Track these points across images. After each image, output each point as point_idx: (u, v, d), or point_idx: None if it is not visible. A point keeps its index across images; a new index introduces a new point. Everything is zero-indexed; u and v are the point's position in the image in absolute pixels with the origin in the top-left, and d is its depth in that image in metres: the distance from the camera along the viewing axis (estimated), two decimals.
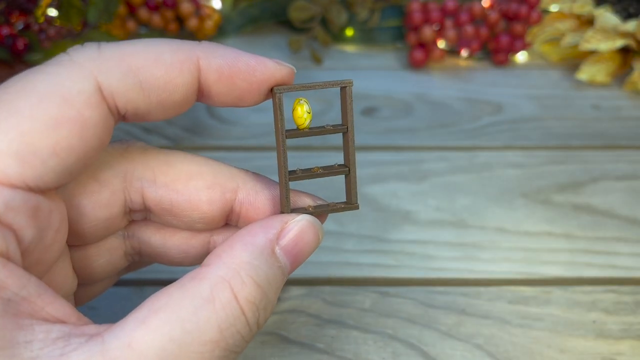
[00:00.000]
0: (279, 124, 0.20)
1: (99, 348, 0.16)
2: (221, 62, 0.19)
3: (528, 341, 0.27)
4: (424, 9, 0.47)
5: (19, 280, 0.16)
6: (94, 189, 0.20)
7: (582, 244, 0.32)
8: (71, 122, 0.17)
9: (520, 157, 0.39)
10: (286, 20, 0.51)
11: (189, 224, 0.21)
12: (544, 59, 0.50)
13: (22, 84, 0.17)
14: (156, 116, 0.19)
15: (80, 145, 0.17)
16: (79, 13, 0.41)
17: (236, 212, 0.21)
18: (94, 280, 0.22)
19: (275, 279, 0.19)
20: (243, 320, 0.17)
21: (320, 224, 0.21)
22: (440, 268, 0.31)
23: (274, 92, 0.20)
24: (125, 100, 0.18)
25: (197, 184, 0.21)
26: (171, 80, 0.18)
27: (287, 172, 0.20)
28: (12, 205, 0.16)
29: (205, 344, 0.17)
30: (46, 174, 0.17)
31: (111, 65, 0.18)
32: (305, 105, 0.20)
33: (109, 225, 0.21)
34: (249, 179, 0.21)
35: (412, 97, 0.45)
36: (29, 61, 0.40)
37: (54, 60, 0.18)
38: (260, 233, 0.19)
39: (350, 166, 0.21)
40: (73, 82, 0.17)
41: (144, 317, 0.16)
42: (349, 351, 0.26)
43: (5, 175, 0.16)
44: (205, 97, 0.20)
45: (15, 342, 0.15)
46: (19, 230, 0.16)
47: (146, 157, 0.21)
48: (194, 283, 0.17)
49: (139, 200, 0.21)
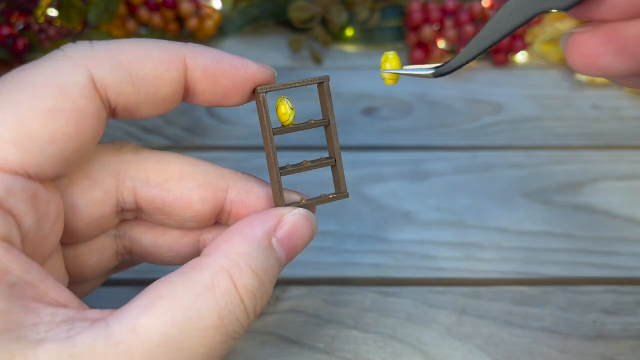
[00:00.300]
0: (265, 122, 0.21)
1: (103, 332, 0.16)
2: (206, 60, 0.20)
3: (528, 341, 0.27)
4: (424, 9, 0.47)
5: (23, 265, 0.16)
6: (87, 187, 0.20)
7: (582, 244, 0.32)
8: (67, 111, 0.18)
9: (521, 157, 0.39)
10: (286, 20, 0.51)
11: (181, 223, 0.22)
12: (544, 59, 0.50)
13: (20, 77, 0.18)
14: (145, 111, 0.20)
15: (76, 134, 0.18)
16: (79, 13, 0.41)
17: (227, 210, 0.22)
18: (85, 279, 0.23)
19: (272, 269, 0.19)
20: (242, 307, 0.18)
21: (315, 218, 0.22)
22: (440, 268, 0.31)
23: (257, 91, 0.21)
24: (116, 92, 0.19)
25: (189, 184, 0.21)
26: (160, 75, 0.19)
27: (277, 167, 0.21)
28: (13, 190, 0.17)
29: (206, 330, 0.17)
30: (45, 162, 0.17)
31: (103, 60, 0.19)
32: (287, 103, 0.21)
33: (101, 223, 0.21)
34: (239, 179, 0.22)
35: (412, 97, 0.45)
36: (29, 61, 0.40)
37: (48, 56, 0.19)
38: (258, 225, 0.20)
39: (336, 157, 0.22)
40: (68, 74, 0.18)
41: (147, 303, 0.17)
42: (348, 351, 0.26)
43: (5, 162, 0.17)
44: (190, 95, 0.21)
45: (22, 325, 0.16)
46: (19, 217, 0.17)
47: (139, 158, 0.21)
48: (195, 272, 0.18)
49: (132, 199, 0.21)
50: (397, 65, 0.20)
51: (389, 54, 0.21)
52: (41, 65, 0.18)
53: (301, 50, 0.49)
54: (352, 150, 0.39)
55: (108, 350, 0.16)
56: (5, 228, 0.16)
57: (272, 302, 0.29)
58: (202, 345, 0.17)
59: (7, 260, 0.16)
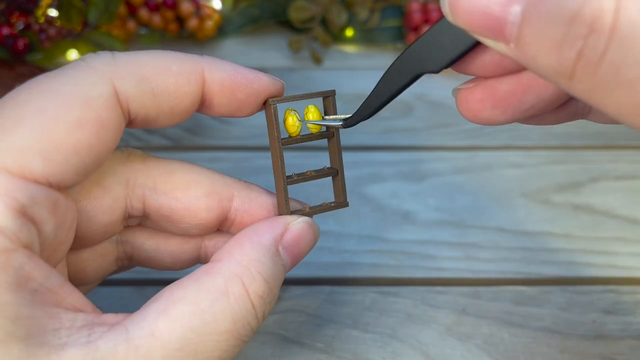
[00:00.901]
0: (275, 133, 0.22)
1: (123, 337, 0.17)
2: (223, 75, 0.21)
3: (528, 341, 0.27)
4: (424, 9, 0.47)
5: (44, 272, 0.17)
6: (97, 194, 0.21)
7: (582, 244, 0.32)
8: (91, 122, 0.18)
9: (520, 157, 0.39)
10: (286, 20, 0.51)
11: (185, 230, 0.22)
12: None
13: (44, 86, 0.18)
14: (162, 122, 0.21)
15: (98, 145, 0.18)
16: (80, 13, 0.41)
17: (231, 219, 0.23)
18: (83, 283, 0.23)
19: (278, 275, 0.20)
20: (253, 312, 0.19)
21: (317, 225, 0.22)
22: (440, 268, 0.31)
23: (268, 103, 0.22)
24: (138, 105, 0.19)
25: (196, 192, 0.22)
26: (180, 89, 0.20)
27: (285, 177, 0.22)
28: (37, 199, 0.17)
29: (221, 334, 0.18)
30: (67, 172, 0.18)
31: (126, 72, 0.19)
32: (296, 115, 0.22)
33: (108, 229, 0.21)
34: (242, 187, 0.23)
35: (412, 97, 0.45)
36: (29, 61, 0.40)
37: (71, 66, 0.19)
38: (266, 233, 0.21)
39: (338, 169, 0.23)
40: (93, 86, 0.18)
41: (164, 307, 0.18)
42: (348, 351, 0.26)
43: (30, 171, 0.17)
44: (205, 107, 0.21)
45: (45, 330, 0.16)
46: (40, 225, 0.17)
47: (147, 166, 0.22)
48: (209, 277, 0.19)
49: (140, 207, 0.22)
50: (318, 116, 0.23)
51: (310, 107, 0.23)
52: (65, 75, 0.18)
53: (301, 50, 0.49)
54: (351, 150, 0.39)
55: (129, 354, 0.16)
56: (29, 236, 0.17)
57: None
58: (217, 348, 0.18)
59: (29, 268, 0.16)
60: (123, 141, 0.40)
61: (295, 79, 0.46)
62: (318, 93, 0.23)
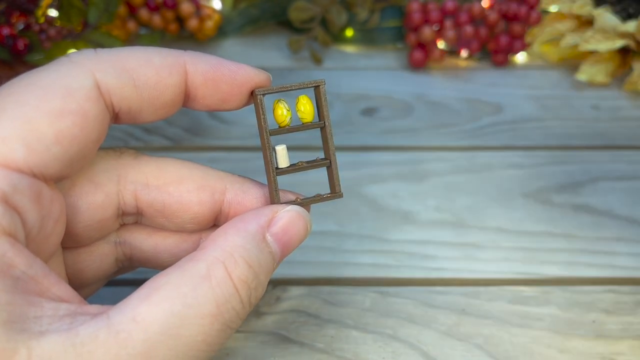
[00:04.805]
0: (262, 123, 0.22)
1: (104, 323, 0.17)
2: (206, 66, 0.21)
3: (528, 341, 0.27)
4: (424, 9, 0.47)
5: (27, 260, 0.17)
6: (89, 190, 0.21)
7: (582, 244, 0.32)
8: (73, 113, 0.18)
9: (520, 157, 0.39)
10: (286, 21, 0.51)
11: (180, 225, 0.22)
12: (544, 60, 0.50)
13: (27, 80, 0.18)
14: (147, 116, 0.21)
15: (81, 135, 0.18)
16: (80, 13, 0.41)
17: (225, 212, 0.23)
18: (84, 285, 0.23)
19: (266, 262, 0.20)
20: (237, 297, 0.19)
21: (308, 216, 0.22)
22: (440, 268, 0.31)
23: (255, 93, 0.22)
24: (120, 97, 0.19)
25: (187, 186, 0.22)
26: (161, 81, 0.20)
27: (274, 167, 0.22)
28: (18, 188, 0.17)
29: (204, 317, 0.18)
30: (49, 161, 0.18)
31: (107, 65, 0.19)
32: (284, 105, 0.22)
33: (102, 226, 0.22)
34: (236, 181, 0.23)
35: (412, 97, 0.45)
36: (29, 61, 0.40)
37: (54, 62, 0.19)
38: (252, 220, 0.21)
39: (331, 159, 0.23)
40: (74, 78, 0.19)
41: (146, 294, 0.18)
42: (348, 351, 0.26)
43: (12, 160, 0.17)
44: (190, 101, 0.22)
45: (26, 317, 0.16)
46: (24, 213, 0.17)
47: (139, 162, 0.22)
48: (192, 264, 0.19)
49: (133, 202, 0.22)
50: (310, 106, 0.22)
51: (301, 97, 0.23)
52: (47, 70, 0.19)
53: (301, 50, 0.49)
54: (351, 150, 0.39)
55: (109, 339, 0.16)
56: (11, 224, 0.17)
57: (272, 302, 0.29)
58: (201, 332, 0.18)
59: (11, 255, 0.16)
60: (123, 141, 0.40)
61: (295, 79, 0.46)
62: (307, 83, 0.22)
